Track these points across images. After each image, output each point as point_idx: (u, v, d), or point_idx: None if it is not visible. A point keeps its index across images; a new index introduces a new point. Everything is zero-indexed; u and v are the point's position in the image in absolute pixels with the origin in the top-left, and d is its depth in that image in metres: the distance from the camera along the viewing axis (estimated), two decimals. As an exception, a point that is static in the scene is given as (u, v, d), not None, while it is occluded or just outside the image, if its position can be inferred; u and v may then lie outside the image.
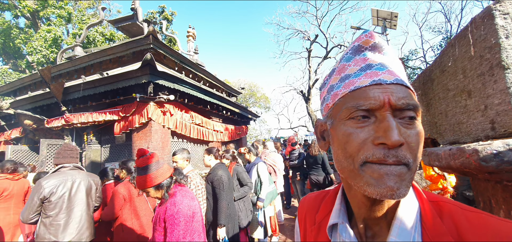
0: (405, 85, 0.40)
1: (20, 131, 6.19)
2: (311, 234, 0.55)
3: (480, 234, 0.35)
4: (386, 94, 0.38)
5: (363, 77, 0.41)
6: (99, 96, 5.02)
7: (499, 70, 0.82)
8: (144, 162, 1.54)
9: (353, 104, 0.40)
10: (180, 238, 1.40)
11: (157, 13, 16.63)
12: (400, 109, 0.38)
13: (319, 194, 0.61)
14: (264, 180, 3.43)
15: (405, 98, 0.38)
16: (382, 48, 0.44)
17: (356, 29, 10.07)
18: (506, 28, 0.82)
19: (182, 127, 5.52)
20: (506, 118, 0.81)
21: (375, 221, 0.44)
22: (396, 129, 0.36)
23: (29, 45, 11.64)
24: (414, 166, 0.37)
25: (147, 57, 4.22)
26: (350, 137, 0.40)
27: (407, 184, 0.36)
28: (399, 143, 0.36)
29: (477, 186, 1.09)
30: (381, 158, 0.36)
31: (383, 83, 0.39)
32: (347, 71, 0.45)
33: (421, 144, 0.39)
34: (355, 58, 0.45)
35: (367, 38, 0.45)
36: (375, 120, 0.39)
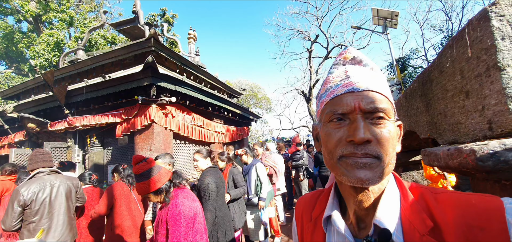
0: (376, 91, 0.47)
1: (24, 134, 6.25)
2: (307, 230, 0.60)
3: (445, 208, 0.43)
4: (356, 100, 0.46)
5: (340, 87, 0.50)
6: (102, 99, 5.07)
7: (495, 71, 0.83)
8: (142, 168, 1.54)
9: (331, 109, 0.49)
10: (181, 239, 1.41)
11: (158, 16, 16.73)
12: (369, 112, 0.45)
13: (315, 193, 0.65)
14: (264, 180, 3.46)
15: (373, 103, 0.46)
16: (361, 61, 0.53)
17: (357, 28, 10.07)
18: (501, 30, 0.83)
19: (184, 129, 5.55)
20: (503, 118, 0.83)
21: (365, 212, 0.49)
22: (362, 128, 0.44)
23: (31, 49, 11.75)
24: (386, 158, 0.44)
25: (149, 59, 4.25)
26: (329, 136, 0.48)
27: (378, 173, 0.44)
28: (363, 140, 0.43)
29: (476, 186, 1.10)
30: (352, 152, 0.44)
31: (355, 91, 0.47)
32: (331, 82, 0.53)
33: (391, 140, 0.45)
34: (336, 71, 0.54)
35: (346, 54, 0.55)
36: (349, 122, 0.47)
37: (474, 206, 0.40)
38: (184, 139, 5.93)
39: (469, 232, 0.38)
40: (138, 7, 6.74)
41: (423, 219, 0.43)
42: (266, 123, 24.46)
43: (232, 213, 2.88)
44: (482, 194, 0.42)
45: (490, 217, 0.38)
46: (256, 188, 3.46)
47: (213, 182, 2.39)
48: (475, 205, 0.40)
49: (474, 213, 0.39)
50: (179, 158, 5.76)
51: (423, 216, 0.43)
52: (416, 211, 0.44)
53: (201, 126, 6.24)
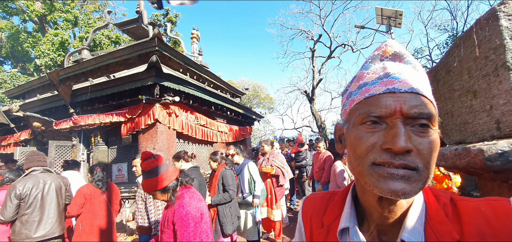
0: (420, 94, 0.41)
1: (29, 133, 6.33)
2: (318, 237, 0.55)
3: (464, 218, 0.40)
4: (398, 102, 0.40)
5: (378, 85, 0.44)
6: (106, 98, 5.11)
7: (504, 71, 0.83)
8: (150, 165, 1.53)
9: (366, 110, 0.43)
10: (191, 240, 1.41)
11: (161, 16, 16.80)
12: (412, 118, 0.40)
13: (325, 195, 0.61)
14: (257, 178, 3.43)
15: (418, 107, 0.40)
16: (403, 57, 0.46)
17: (360, 28, 10.02)
18: (510, 29, 0.83)
19: (188, 128, 5.57)
20: (511, 118, 0.82)
21: (389, 225, 0.45)
22: (404, 136, 0.38)
23: (37, 48, 11.89)
24: (425, 172, 0.39)
25: (153, 59, 4.28)
26: (361, 140, 0.43)
27: (415, 187, 0.39)
28: (404, 150, 0.38)
29: (483, 186, 1.10)
30: (388, 161, 0.39)
31: (397, 92, 0.41)
32: (365, 79, 0.47)
33: (434, 152, 0.40)
34: (373, 67, 0.47)
35: (386, 48, 0.48)
36: (386, 127, 0.41)
37: (483, 213, 0.39)
38: (188, 139, 5.95)
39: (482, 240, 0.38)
40: (142, 7, 6.78)
41: (449, 231, 0.40)
42: (268, 123, 24.47)
43: (222, 217, 2.83)
44: (490, 198, 0.41)
45: (500, 222, 0.37)
46: (250, 187, 3.43)
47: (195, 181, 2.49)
48: (484, 212, 0.39)
49: (484, 221, 0.38)
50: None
51: (449, 228, 0.40)
52: (442, 223, 0.41)
53: (204, 126, 6.26)
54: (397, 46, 0.47)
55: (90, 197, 2.66)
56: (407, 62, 0.46)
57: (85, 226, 2.58)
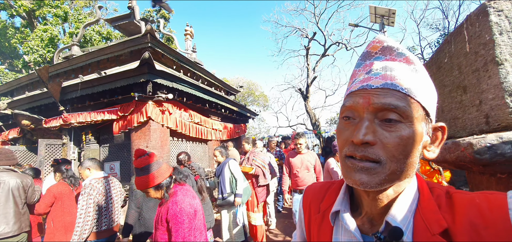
0: (394, 89, 0.42)
1: (18, 131, 6.16)
2: (315, 222, 0.58)
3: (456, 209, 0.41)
4: (366, 98, 0.43)
5: (358, 83, 0.47)
6: (97, 95, 5.00)
7: (493, 66, 0.84)
8: (143, 162, 1.52)
9: (343, 104, 0.48)
10: (186, 236, 1.40)
11: (154, 12, 16.52)
12: (380, 111, 0.42)
13: (324, 184, 0.64)
14: (238, 176, 3.29)
15: (385, 101, 0.42)
16: (393, 50, 0.48)
17: (354, 26, 10.09)
18: (500, 25, 0.84)
19: (182, 126, 5.52)
20: (500, 112, 0.84)
21: (378, 211, 0.47)
22: (364, 129, 0.41)
23: (25, 44, 11.53)
24: (390, 164, 0.41)
25: (145, 55, 4.21)
26: (340, 133, 0.48)
27: (376, 178, 0.41)
28: (361, 142, 0.41)
29: (473, 179, 1.12)
30: (352, 153, 0.43)
31: (368, 88, 0.44)
32: (356, 76, 0.50)
33: (403, 146, 0.41)
34: (364, 64, 0.50)
35: (374, 44, 0.50)
36: (358, 120, 0.45)
37: (477, 205, 0.39)
38: (182, 137, 5.90)
39: (473, 231, 0.38)
40: (134, 2, 6.64)
41: (438, 219, 0.41)
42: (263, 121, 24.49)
43: None
44: (486, 192, 0.42)
45: (493, 214, 0.38)
46: (232, 186, 3.29)
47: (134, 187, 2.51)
48: (479, 204, 0.39)
49: (477, 212, 0.39)
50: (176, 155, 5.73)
51: (438, 217, 0.41)
52: (433, 211, 0.42)
53: (198, 123, 6.21)
54: (386, 40, 0.48)
55: (61, 195, 2.69)
56: (398, 55, 0.47)
57: (56, 224, 2.63)
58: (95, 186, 2.38)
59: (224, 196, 3.31)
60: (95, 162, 2.58)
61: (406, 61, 0.46)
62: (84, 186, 2.35)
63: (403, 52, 0.47)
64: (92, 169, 2.51)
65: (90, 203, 2.28)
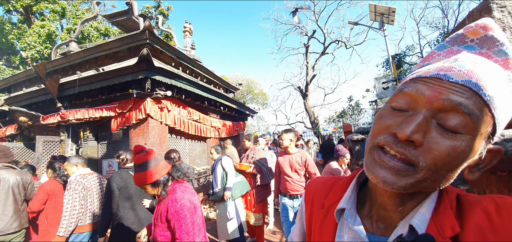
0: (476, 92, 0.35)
1: (15, 128, 6.12)
2: (318, 217, 0.55)
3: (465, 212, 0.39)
4: (438, 90, 0.36)
5: (433, 68, 0.38)
6: (95, 92, 4.97)
7: (495, 63, 0.83)
8: (142, 158, 1.53)
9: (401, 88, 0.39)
10: (190, 230, 1.41)
11: (153, 8, 16.41)
12: (444, 111, 0.35)
13: (329, 179, 0.61)
14: (229, 171, 3.26)
15: (459, 100, 0.34)
16: (495, 45, 0.38)
17: (354, 24, 10.07)
18: (503, 21, 0.83)
19: (180, 124, 5.50)
20: (502, 110, 0.83)
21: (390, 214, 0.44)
22: (415, 126, 0.35)
23: (22, 40, 11.43)
24: (425, 174, 0.36)
25: (144, 52, 4.17)
26: (379, 119, 0.40)
27: (402, 181, 0.36)
28: (406, 138, 0.35)
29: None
30: (388, 143, 0.37)
31: (445, 80, 0.36)
32: (433, 60, 0.41)
33: (452, 160, 0.35)
34: (450, 49, 0.41)
35: (476, 28, 0.39)
36: (412, 114, 0.37)
37: (484, 208, 0.38)
38: (180, 134, 5.88)
39: (480, 235, 0.36)
40: (133, -2, 6.58)
41: (452, 223, 0.38)
42: (262, 119, 24.49)
43: None
44: (494, 196, 0.40)
45: (501, 218, 0.36)
46: (223, 181, 3.26)
47: (113, 184, 2.50)
48: (486, 207, 0.38)
49: (484, 216, 0.37)
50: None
51: (452, 221, 0.38)
52: (447, 215, 0.39)
53: (197, 121, 6.20)
54: (493, 28, 0.38)
55: (53, 192, 2.69)
56: (498, 53, 0.38)
57: (50, 221, 2.64)
58: (81, 182, 2.46)
59: (214, 191, 3.29)
60: (82, 159, 2.64)
61: (504, 64, 0.38)
62: (69, 182, 2.42)
63: (505, 50, 0.38)
64: (79, 166, 2.58)
65: (75, 198, 2.37)
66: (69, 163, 2.55)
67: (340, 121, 18.12)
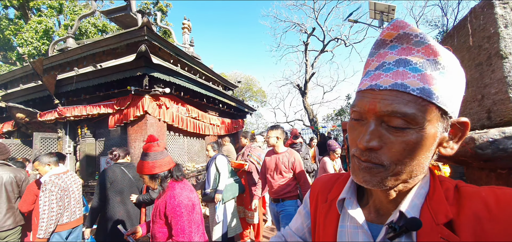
0: (404, 91, 0.39)
1: (12, 124, 6.07)
2: (322, 211, 0.59)
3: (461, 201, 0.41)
4: (373, 102, 0.41)
5: (367, 79, 0.44)
6: (93, 88, 4.93)
7: (497, 60, 0.82)
8: (149, 148, 1.57)
9: (352, 104, 0.46)
10: (186, 228, 1.42)
11: (151, 4, 16.26)
12: (386, 115, 0.40)
13: (333, 176, 0.65)
14: (223, 172, 3.09)
15: (391, 106, 0.39)
16: (411, 39, 0.42)
17: (353, 22, 10.05)
18: (505, 18, 0.82)
19: (179, 121, 5.48)
20: (503, 107, 0.82)
21: (385, 203, 0.48)
22: (369, 135, 0.41)
23: (19, 36, 11.30)
24: (394, 167, 0.41)
25: (142, 49, 4.14)
26: (350, 132, 0.47)
27: (379, 178, 0.42)
28: (365, 148, 0.41)
29: (471, 175, 1.11)
30: (357, 155, 0.44)
31: (376, 89, 0.41)
32: (369, 67, 0.47)
33: (409, 151, 0.40)
34: (378, 53, 0.46)
35: (389, 31, 0.44)
36: (365, 122, 0.43)
37: (483, 198, 0.39)
38: (179, 131, 5.86)
39: (477, 224, 0.37)
40: (131, -6, 6.52)
41: (445, 210, 0.41)
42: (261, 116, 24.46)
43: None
44: (494, 187, 0.41)
45: (500, 209, 0.37)
46: (215, 183, 3.11)
47: (105, 177, 2.54)
48: (485, 197, 0.39)
49: (483, 205, 0.38)
50: (173, 150, 5.70)
51: (445, 208, 0.41)
52: (439, 202, 0.42)
53: (196, 118, 6.17)
54: (404, 26, 0.43)
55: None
56: (417, 44, 0.41)
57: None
58: (56, 183, 2.39)
59: (205, 192, 3.15)
60: (54, 158, 2.54)
61: (425, 52, 0.41)
62: (44, 183, 2.34)
63: (423, 40, 0.41)
64: (51, 165, 2.50)
65: (52, 199, 2.32)
66: (41, 163, 2.45)
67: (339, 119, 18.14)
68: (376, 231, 0.46)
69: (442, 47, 0.42)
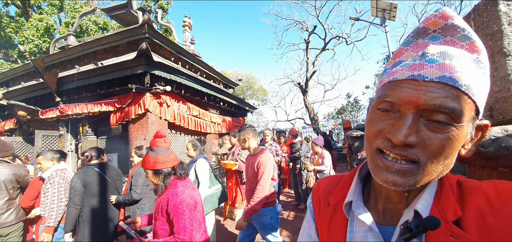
0: (452, 85, 0.37)
1: (14, 122, 6.09)
2: (324, 216, 0.55)
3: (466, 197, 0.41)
4: (416, 93, 0.38)
5: (406, 69, 0.40)
6: (94, 86, 4.94)
7: (500, 57, 0.82)
8: (155, 143, 1.60)
9: (383, 94, 0.42)
10: (187, 226, 1.43)
11: (152, 2, 16.24)
12: (429, 110, 0.37)
13: (334, 178, 0.62)
14: (203, 180, 2.73)
15: (440, 100, 0.36)
16: (457, 31, 0.40)
17: (355, 20, 10.00)
18: (509, 15, 0.81)
19: (180, 119, 5.49)
20: (505, 105, 0.82)
21: (395, 205, 0.46)
22: (407, 129, 0.37)
23: (20, 34, 11.32)
24: (429, 167, 0.38)
25: (143, 46, 4.14)
26: (371, 124, 0.43)
27: (411, 180, 0.39)
28: (402, 144, 0.37)
29: (473, 173, 1.11)
30: (387, 148, 0.39)
31: (420, 80, 0.38)
32: (402, 56, 0.43)
33: (448, 149, 0.38)
34: (416, 43, 0.43)
35: (435, 19, 0.41)
36: (399, 116, 0.40)
37: (485, 193, 0.39)
38: (180, 129, 5.87)
39: (480, 218, 0.37)
40: (131, -8, 6.50)
41: (454, 208, 0.40)
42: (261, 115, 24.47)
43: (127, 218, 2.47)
44: (495, 181, 0.41)
45: (501, 202, 0.37)
46: None
47: (78, 181, 2.51)
48: (486, 191, 0.39)
49: (484, 200, 0.38)
50: (175, 149, 5.71)
51: (454, 205, 0.40)
52: (448, 200, 0.41)
53: (197, 116, 6.18)
54: (452, 16, 0.40)
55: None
56: (462, 38, 0.39)
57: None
58: (62, 176, 2.57)
59: None
60: (57, 155, 2.71)
61: (470, 48, 0.39)
62: (50, 176, 2.51)
63: (469, 35, 0.39)
64: (54, 161, 2.65)
65: (61, 190, 2.50)
66: (45, 158, 2.61)
67: (340, 117, 18.12)
68: (386, 233, 0.45)
69: (484, 46, 0.41)
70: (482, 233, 0.36)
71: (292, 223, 4.34)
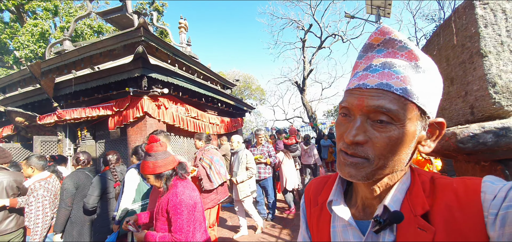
0: (388, 90, 0.43)
1: (12, 128, 6.08)
2: (313, 215, 0.62)
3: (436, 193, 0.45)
4: (361, 99, 0.45)
5: (356, 79, 0.48)
6: (91, 91, 4.95)
7: (478, 58, 0.87)
8: (151, 148, 1.59)
9: (341, 101, 0.50)
10: (184, 227, 1.45)
11: (147, 4, 16.19)
12: (372, 112, 0.44)
13: (323, 178, 0.67)
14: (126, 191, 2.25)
15: (377, 104, 0.43)
16: (396, 44, 0.47)
17: (350, 17, 10.05)
18: (485, 18, 0.86)
19: (179, 121, 5.51)
20: (484, 103, 0.87)
21: (372, 199, 0.51)
22: (355, 130, 0.44)
23: (15, 40, 11.27)
24: (378, 161, 0.44)
25: (139, 50, 4.16)
26: (337, 128, 0.50)
27: (362, 172, 0.45)
28: (351, 142, 0.44)
29: (459, 168, 1.16)
30: (344, 149, 0.46)
31: (363, 88, 0.45)
32: (358, 68, 0.51)
33: (392, 146, 0.43)
34: (366, 56, 0.50)
35: (376, 36, 0.49)
36: (353, 118, 0.47)
37: (454, 189, 0.42)
38: (179, 131, 5.89)
39: (448, 213, 0.41)
40: (127, -5, 6.51)
41: (422, 202, 0.44)
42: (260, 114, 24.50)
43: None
44: (465, 177, 0.45)
45: (468, 198, 0.40)
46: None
47: (70, 183, 2.53)
48: (456, 188, 0.42)
49: (453, 195, 0.42)
50: (173, 151, 5.74)
51: (422, 200, 0.44)
52: (418, 195, 0.45)
53: (195, 118, 6.20)
54: (390, 32, 0.47)
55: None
56: (400, 49, 0.46)
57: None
58: (47, 188, 2.49)
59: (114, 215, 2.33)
60: (42, 162, 2.58)
61: (407, 56, 0.46)
62: (34, 188, 2.40)
63: (406, 45, 0.46)
64: (35, 170, 2.51)
65: (45, 204, 2.42)
66: (27, 164, 2.48)
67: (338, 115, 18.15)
68: (364, 227, 0.50)
69: (423, 53, 0.47)
70: (449, 227, 0.40)
71: (292, 221, 4.40)
